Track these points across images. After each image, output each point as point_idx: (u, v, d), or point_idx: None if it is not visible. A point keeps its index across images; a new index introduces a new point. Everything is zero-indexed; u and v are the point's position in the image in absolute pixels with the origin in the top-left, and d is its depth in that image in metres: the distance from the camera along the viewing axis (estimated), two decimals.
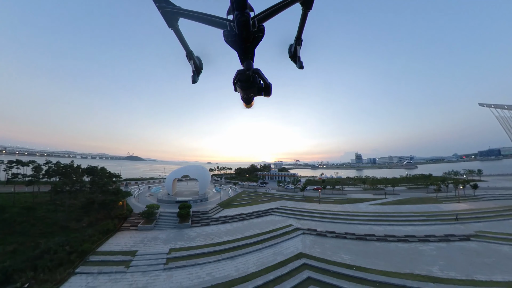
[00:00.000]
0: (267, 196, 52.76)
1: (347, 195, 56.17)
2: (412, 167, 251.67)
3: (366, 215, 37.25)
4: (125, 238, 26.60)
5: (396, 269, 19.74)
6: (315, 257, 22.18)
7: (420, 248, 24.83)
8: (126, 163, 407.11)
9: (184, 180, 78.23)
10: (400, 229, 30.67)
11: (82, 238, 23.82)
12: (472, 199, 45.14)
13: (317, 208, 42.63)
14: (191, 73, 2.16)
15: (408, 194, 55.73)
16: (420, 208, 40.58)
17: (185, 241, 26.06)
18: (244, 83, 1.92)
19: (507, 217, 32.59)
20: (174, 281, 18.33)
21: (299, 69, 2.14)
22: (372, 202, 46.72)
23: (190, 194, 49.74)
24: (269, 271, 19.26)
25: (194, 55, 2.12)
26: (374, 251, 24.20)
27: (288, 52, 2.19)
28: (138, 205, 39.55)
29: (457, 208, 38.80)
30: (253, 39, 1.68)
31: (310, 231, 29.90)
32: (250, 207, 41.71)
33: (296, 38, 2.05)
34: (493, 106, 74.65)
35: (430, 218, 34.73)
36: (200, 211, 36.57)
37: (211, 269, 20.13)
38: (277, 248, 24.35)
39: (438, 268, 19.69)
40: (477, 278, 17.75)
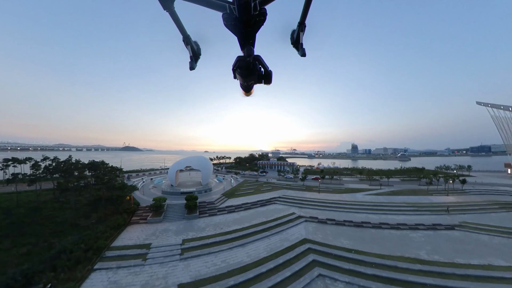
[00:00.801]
0: (269, 185, 55.44)
1: (344, 185, 59.73)
2: (405, 159, 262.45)
3: (363, 204, 40.56)
4: (136, 232, 27.27)
5: (389, 253, 22.75)
6: (318, 242, 24.90)
7: (410, 235, 28.09)
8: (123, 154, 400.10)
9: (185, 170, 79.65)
10: (393, 218, 33.99)
11: (95, 235, 24.29)
12: (460, 193, 49.29)
13: (317, 197, 45.70)
14: (189, 59, 2.06)
15: (401, 185, 59.82)
16: (412, 199, 44.24)
17: (196, 232, 27.52)
18: (244, 70, 1.88)
19: (489, 211, 36.51)
20: (192, 269, 19.61)
21: (301, 56, 2.05)
22: (368, 193, 50.24)
23: (193, 185, 51.26)
24: (278, 256, 21.59)
25: (192, 40, 2.02)
26: (370, 237, 27.27)
27: (290, 39, 2.06)
28: (143, 198, 40.43)
29: (446, 201, 42.64)
30: (254, 23, 1.63)
31: (312, 219, 32.77)
32: (253, 197, 44.16)
33: (299, 24, 1.91)
34: (490, 106, 77.06)
35: (420, 208, 38.31)
36: (206, 202, 38.18)
37: (225, 256, 21.77)
38: (283, 235, 26.85)
39: (425, 252, 22.84)
40: (457, 261, 20.95)
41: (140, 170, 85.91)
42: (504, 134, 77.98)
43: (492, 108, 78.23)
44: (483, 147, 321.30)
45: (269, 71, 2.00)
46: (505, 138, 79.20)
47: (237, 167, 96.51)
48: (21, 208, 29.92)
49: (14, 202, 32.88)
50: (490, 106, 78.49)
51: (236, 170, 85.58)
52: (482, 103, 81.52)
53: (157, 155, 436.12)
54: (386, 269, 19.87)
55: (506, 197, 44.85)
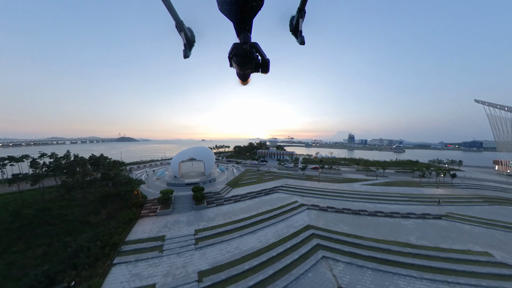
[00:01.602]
0: (270, 174, 58.01)
1: (342, 175, 63.27)
2: (400, 151, 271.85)
3: (360, 194, 44.01)
4: (148, 225, 27.96)
5: (383, 237, 26.02)
6: (320, 228, 27.81)
7: (402, 222, 31.60)
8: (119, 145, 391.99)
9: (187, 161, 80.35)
10: (387, 207, 37.53)
11: (109, 231, 24.80)
12: (449, 186, 53.70)
13: (317, 186, 48.82)
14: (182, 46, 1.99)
15: (395, 177, 63.98)
16: (405, 190, 48.11)
17: (206, 222, 28.87)
18: (241, 58, 1.85)
19: (473, 203, 40.71)
20: (209, 257, 20.92)
21: (300, 44, 2.01)
22: (365, 183, 53.87)
23: (197, 175, 52.78)
24: (286, 241, 24.12)
25: (185, 26, 1.95)
26: (367, 223, 30.57)
27: (289, 25, 2.01)
28: (149, 191, 41.17)
29: (436, 193, 46.71)
30: (251, 7, 1.55)
31: (313, 207, 35.76)
32: (256, 186, 46.58)
33: (299, 10, 1.85)
34: (487, 104, 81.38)
35: (412, 199, 42.12)
36: (212, 192, 39.81)
37: (237, 243, 23.49)
38: (288, 222, 29.48)
39: (414, 238, 26.27)
40: (442, 246, 24.42)
41: (141, 162, 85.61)
42: (496, 132, 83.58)
43: (489, 106, 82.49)
44: (475, 142, 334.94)
45: (267, 59, 1.97)
46: (497, 135, 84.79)
47: (237, 156, 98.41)
48: (27, 209, 29.78)
49: (19, 202, 32.77)
50: (487, 104, 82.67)
51: (237, 160, 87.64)
52: (480, 101, 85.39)
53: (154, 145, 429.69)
54: (380, 251, 23.06)
55: (491, 192, 49.50)
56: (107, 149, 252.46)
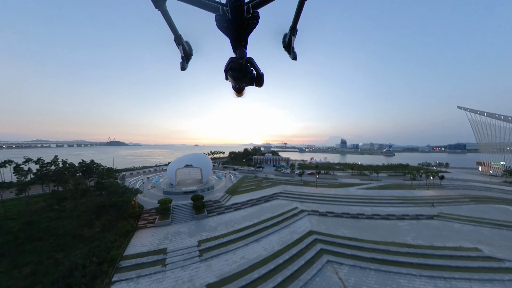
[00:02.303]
0: (268, 181, 58.98)
1: (338, 180, 65.49)
2: (390, 154, 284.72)
3: (357, 198, 45.94)
4: (147, 237, 27.00)
5: (382, 239, 27.55)
6: (322, 233, 28.88)
7: (398, 224, 33.49)
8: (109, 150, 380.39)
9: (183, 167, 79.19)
10: (383, 210, 39.54)
11: (105, 245, 23.42)
12: (438, 187, 57.35)
13: (315, 191, 50.31)
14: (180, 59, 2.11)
15: (388, 180, 67.20)
16: (398, 193, 50.80)
17: (209, 232, 28.46)
18: (237, 72, 1.98)
19: (461, 203, 43.90)
20: (215, 269, 20.49)
21: (292, 59, 2.23)
22: (360, 187, 56.19)
23: (194, 183, 52.42)
24: (291, 247, 24.78)
25: (183, 40, 2.10)
26: (365, 226, 32.11)
27: (282, 42, 2.23)
28: (145, 200, 39.89)
29: (426, 195, 49.75)
30: (247, 25, 1.74)
31: (313, 212, 36.96)
32: (256, 193, 47.22)
33: (291, 28, 2.08)
34: (469, 110, 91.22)
35: (405, 201, 44.62)
36: (212, 200, 39.65)
37: (243, 253, 23.45)
38: (291, 228, 30.26)
39: (411, 238, 28.04)
40: (436, 244, 26.32)
41: (133, 168, 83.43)
42: (478, 135, 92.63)
43: (470, 112, 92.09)
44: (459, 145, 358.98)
45: (261, 73, 2.10)
46: (478, 138, 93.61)
47: (233, 162, 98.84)
48: (12, 222, 27.61)
49: (2, 214, 30.52)
50: (469, 110, 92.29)
51: (234, 166, 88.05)
52: (462, 108, 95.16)
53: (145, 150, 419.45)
54: (380, 252, 24.46)
55: (476, 192, 53.48)
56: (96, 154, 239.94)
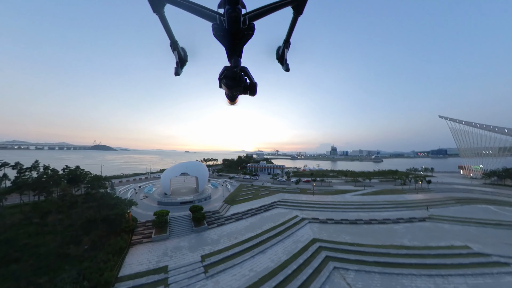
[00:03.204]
0: (265, 189, 59.83)
1: (333, 187, 68.04)
2: (379, 160, 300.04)
3: (353, 204, 48.23)
4: (144, 254, 25.59)
5: (381, 243, 29.39)
6: (325, 240, 30.04)
7: (394, 227, 35.80)
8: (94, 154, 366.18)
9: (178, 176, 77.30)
10: (379, 214, 41.93)
11: (97, 266, 21.39)
12: (426, 191, 61.94)
13: (313, 199, 51.96)
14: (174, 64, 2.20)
15: (380, 186, 71.13)
16: (391, 198, 54.08)
17: (212, 245, 27.70)
18: (231, 80, 2.09)
19: (449, 205, 47.98)
20: (224, 285, 20.00)
21: (285, 71, 2.43)
22: (355, 193, 58.94)
23: (189, 192, 51.61)
24: (297, 257, 25.33)
25: (179, 46, 2.18)
26: (364, 231, 33.94)
27: (276, 54, 2.40)
28: (137, 211, 38.20)
29: (416, 198, 53.54)
30: (243, 36, 1.87)
31: (314, 220, 38.25)
32: (255, 202, 47.68)
33: (285, 41, 2.27)
34: (449, 119, 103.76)
35: (399, 205, 47.70)
36: (211, 211, 39.12)
37: (250, 265, 23.26)
38: (294, 237, 30.98)
39: (407, 240, 30.23)
40: (430, 245, 28.68)
41: (123, 176, 79.69)
42: (458, 141, 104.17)
43: (450, 121, 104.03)
44: (441, 150, 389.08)
45: (255, 83, 2.25)
46: (459, 144, 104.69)
47: (228, 170, 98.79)
48: None
49: None
50: (449, 119, 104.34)
51: (229, 174, 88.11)
52: (443, 117, 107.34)
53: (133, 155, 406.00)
54: (382, 255, 26.14)
55: (460, 194, 58.60)
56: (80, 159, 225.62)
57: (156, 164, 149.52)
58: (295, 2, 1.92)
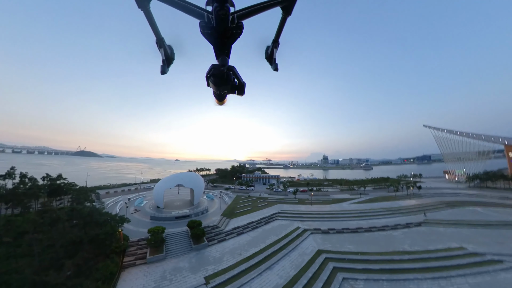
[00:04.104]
0: (263, 201, 59.90)
1: (330, 196, 69.79)
2: (369, 168, 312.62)
3: (352, 213, 49.83)
4: (139, 279, 23.34)
5: (384, 250, 30.69)
6: (330, 250, 30.68)
7: (393, 234, 37.52)
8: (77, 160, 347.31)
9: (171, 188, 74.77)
10: (378, 222, 43.71)
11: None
12: (417, 197, 65.78)
13: (312, 209, 52.91)
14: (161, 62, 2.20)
15: (375, 193, 74.21)
16: (386, 204, 56.69)
17: (215, 264, 26.39)
18: (218, 79, 2.11)
19: (440, 209, 51.42)
20: None
21: (274, 70, 2.49)
22: (352, 202, 60.93)
23: (184, 205, 50.24)
24: (305, 270, 25.41)
25: (166, 43, 2.17)
26: (366, 239, 35.20)
27: (265, 53, 2.48)
28: (129, 228, 35.23)
29: (410, 204, 56.64)
30: (231, 35, 1.89)
31: (316, 231, 38.94)
32: (254, 214, 47.43)
33: (274, 41, 2.33)
34: (433, 128, 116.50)
35: (394, 212, 50.13)
36: (210, 226, 37.78)
37: (259, 283, 22.65)
38: (299, 250, 31.24)
39: (408, 245, 31.87)
40: (429, 248, 30.51)
41: (110, 186, 74.42)
42: (441, 148, 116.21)
43: (434, 130, 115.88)
44: (425, 156, 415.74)
45: (243, 82, 2.29)
46: (442, 150, 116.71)
47: (223, 180, 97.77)
48: None
49: None
50: (433, 128, 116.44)
51: (224, 185, 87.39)
52: (427, 126, 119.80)
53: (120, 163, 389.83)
54: (387, 262, 27.30)
55: (449, 198, 63.02)
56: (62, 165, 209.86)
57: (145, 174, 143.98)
58: (284, 3, 2.01)
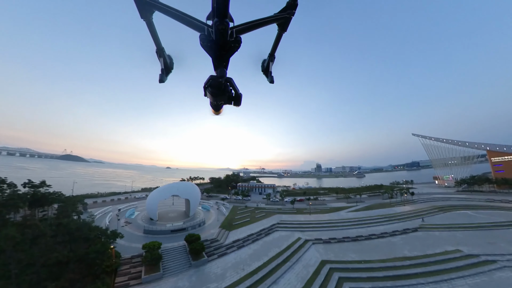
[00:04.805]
0: (261, 211, 59.70)
1: (327, 205, 70.84)
2: (361, 176, 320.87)
3: (350, 221, 50.92)
4: None
5: (385, 257, 31.69)
6: (334, 260, 31.15)
7: (392, 240, 38.83)
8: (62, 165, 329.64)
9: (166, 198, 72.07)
10: (376, 229, 45.01)
11: None
12: (411, 202, 68.60)
13: (311, 219, 53.45)
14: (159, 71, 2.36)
15: (370, 201, 76.31)
16: (382, 211, 58.51)
17: (217, 282, 25.44)
18: (216, 89, 2.24)
19: (434, 214, 54.07)
20: None
21: (270, 83, 2.71)
22: (349, 210, 62.22)
23: (179, 217, 48.97)
24: (312, 283, 25.51)
25: (165, 53, 2.33)
26: (367, 247, 36.13)
27: (261, 66, 2.72)
28: (120, 243, 32.67)
29: (405, 210, 58.91)
30: (229, 48, 2.06)
31: (317, 241, 39.36)
32: (253, 226, 46.97)
33: (270, 55, 2.61)
34: (421, 137, 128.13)
35: (391, 218, 51.88)
36: (208, 239, 36.51)
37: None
38: (303, 261, 31.38)
39: (407, 251, 33.16)
40: (428, 252, 31.98)
41: (98, 195, 69.62)
42: (430, 154, 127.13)
43: (422, 138, 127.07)
44: (414, 162, 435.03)
45: (239, 93, 2.43)
46: (431, 156, 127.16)
47: (218, 190, 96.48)
48: None
49: None
50: (421, 137, 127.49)
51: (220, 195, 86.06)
52: (416, 134, 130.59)
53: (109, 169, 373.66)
54: (390, 269, 28.21)
55: (440, 202, 66.35)
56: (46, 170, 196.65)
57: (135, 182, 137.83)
58: (280, 20, 2.23)
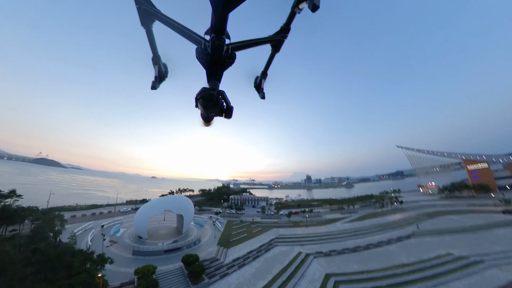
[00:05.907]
0: (257, 225, 59.59)
1: (322, 217, 72.66)
2: (350, 186, 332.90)
3: (347, 232, 52.89)
4: None
5: (385, 265, 33.61)
6: (337, 273, 32.27)
7: (389, 248, 41.14)
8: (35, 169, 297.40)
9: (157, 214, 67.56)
10: (373, 238, 47.33)
11: None
12: (401, 211, 73.08)
13: (309, 232, 54.56)
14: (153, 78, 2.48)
15: (363, 211, 79.79)
16: (376, 221, 61.59)
17: None
18: (207, 101, 2.34)
19: (422, 220, 58.25)
20: None
21: (261, 98, 2.95)
22: (345, 221, 64.55)
23: (170, 234, 47.03)
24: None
25: (161, 61, 2.47)
26: (366, 257, 37.92)
27: (254, 82, 2.98)
28: (107, 267, 28.59)
29: (396, 218, 62.60)
30: (224, 63, 2.21)
31: (318, 254, 40.39)
32: (252, 241, 46.71)
33: (263, 72, 2.85)
34: (405, 148, 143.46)
35: (385, 227, 54.84)
36: (207, 259, 35.50)
37: None
38: (308, 276, 31.99)
39: (405, 258, 35.48)
40: (423, 258, 34.54)
41: (77, 208, 63.22)
42: (413, 164, 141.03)
43: (406, 149, 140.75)
44: (398, 172, 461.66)
45: (231, 106, 2.54)
46: (414, 165, 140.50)
47: (211, 204, 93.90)
48: None
49: None
50: (405, 148, 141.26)
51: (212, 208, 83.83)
52: (400, 146, 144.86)
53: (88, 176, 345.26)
54: (391, 277, 29.99)
55: (427, 209, 71.54)
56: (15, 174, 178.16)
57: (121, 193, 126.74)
58: (274, 42, 2.52)
